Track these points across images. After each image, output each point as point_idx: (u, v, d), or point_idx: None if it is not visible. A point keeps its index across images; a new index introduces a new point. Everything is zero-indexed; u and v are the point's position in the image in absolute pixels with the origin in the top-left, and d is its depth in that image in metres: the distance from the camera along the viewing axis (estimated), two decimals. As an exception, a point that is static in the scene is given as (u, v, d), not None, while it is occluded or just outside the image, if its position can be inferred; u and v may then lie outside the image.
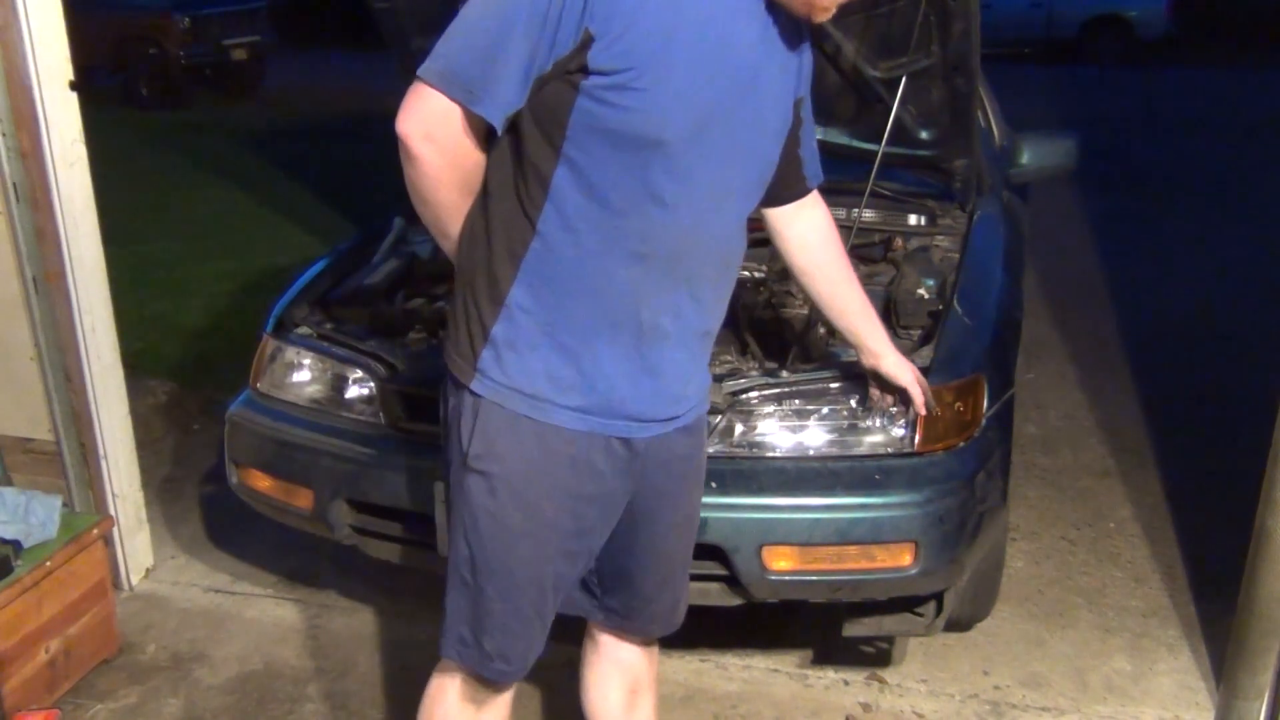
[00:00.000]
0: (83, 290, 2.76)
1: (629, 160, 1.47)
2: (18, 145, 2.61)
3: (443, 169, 1.52)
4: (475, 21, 1.47)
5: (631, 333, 1.56)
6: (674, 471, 1.73)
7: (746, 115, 1.56)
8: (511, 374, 1.56)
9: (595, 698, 1.97)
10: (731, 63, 1.52)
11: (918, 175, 3.04)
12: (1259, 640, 2.41)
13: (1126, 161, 8.27)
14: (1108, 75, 13.04)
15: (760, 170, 1.66)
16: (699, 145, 1.50)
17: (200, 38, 11.79)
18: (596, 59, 1.43)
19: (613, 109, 1.44)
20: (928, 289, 2.72)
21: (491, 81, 1.45)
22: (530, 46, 1.43)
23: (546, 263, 1.52)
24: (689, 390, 1.69)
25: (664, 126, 1.47)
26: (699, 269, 1.59)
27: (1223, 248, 6.14)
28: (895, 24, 2.65)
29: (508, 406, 1.56)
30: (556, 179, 1.49)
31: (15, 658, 2.46)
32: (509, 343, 1.55)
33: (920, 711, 2.60)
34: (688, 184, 1.51)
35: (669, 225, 1.52)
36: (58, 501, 2.62)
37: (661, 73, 1.45)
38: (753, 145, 1.60)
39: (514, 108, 1.47)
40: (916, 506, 2.27)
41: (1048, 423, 4.08)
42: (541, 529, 1.62)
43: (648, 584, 1.81)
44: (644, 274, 1.53)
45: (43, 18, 2.58)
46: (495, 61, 1.44)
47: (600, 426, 1.59)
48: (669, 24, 1.45)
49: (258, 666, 2.75)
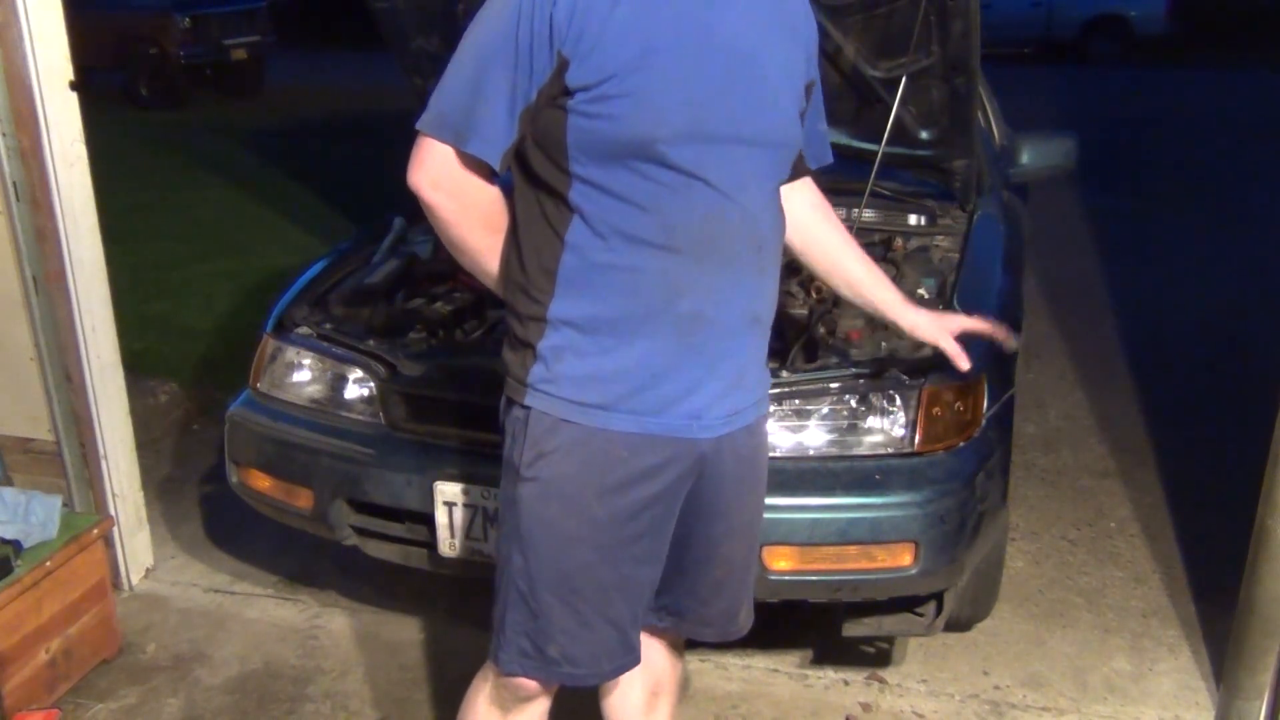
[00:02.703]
0: (83, 290, 2.76)
1: (634, 164, 1.49)
2: (18, 145, 2.61)
3: (457, 212, 1.57)
4: (458, 67, 1.53)
5: (673, 325, 1.56)
6: (734, 474, 1.70)
7: (750, 98, 1.56)
8: (562, 385, 1.57)
9: (615, 696, 1.96)
10: (722, 52, 1.53)
11: (918, 175, 3.04)
12: (1259, 640, 2.40)
13: (1126, 161, 8.27)
14: (1107, 75, 13.03)
15: (779, 149, 1.65)
16: (700, 137, 1.51)
17: (200, 38, 11.80)
18: (574, 78, 1.46)
19: (602, 120, 1.47)
20: (928, 289, 2.73)
21: (478, 122, 1.50)
22: (510, 83, 1.48)
23: (580, 272, 1.54)
24: (746, 382, 1.66)
25: (657, 126, 1.48)
26: (732, 253, 1.58)
27: (1223, 247, 6.14)
28: (895, 24, 2.65)
29: (559, 415, 1.58)
30: (573, 196, 1.52)
31: (15, 658, 2.46)
32: (556, 355, 1.57)
33: (920, 711, 2.60)
34: (698, 175, 1.52)
35: (689, 215, 1.53)
36: (58, 501, 2.62)
37: (643, 75, 1.46)
38: (764, 126, 1.59)
39: (507, 143, 1.51)
40: (916, 506, 2.27)
41: (1048, 423, 4.09)
42: (597, 533, 1.61)
43: (702, 585, 1.79)
44: (676, 264, 1.53)
45: (43, 18, 2.58)
46: (479, 101, 1.50)
47: (656, 426, 1.59)
48: (643, 27, 1.46)
49: (258, 666, 2.75)
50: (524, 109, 1.50)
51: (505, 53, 1.47)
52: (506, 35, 1.47)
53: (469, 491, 2.35)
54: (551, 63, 1.47)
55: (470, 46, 1.52)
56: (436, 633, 2.82)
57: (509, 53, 1.47)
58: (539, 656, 1.67)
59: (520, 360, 1.61)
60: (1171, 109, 11.04)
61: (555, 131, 1.50)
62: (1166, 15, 14.70)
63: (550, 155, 1.53)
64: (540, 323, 1.58)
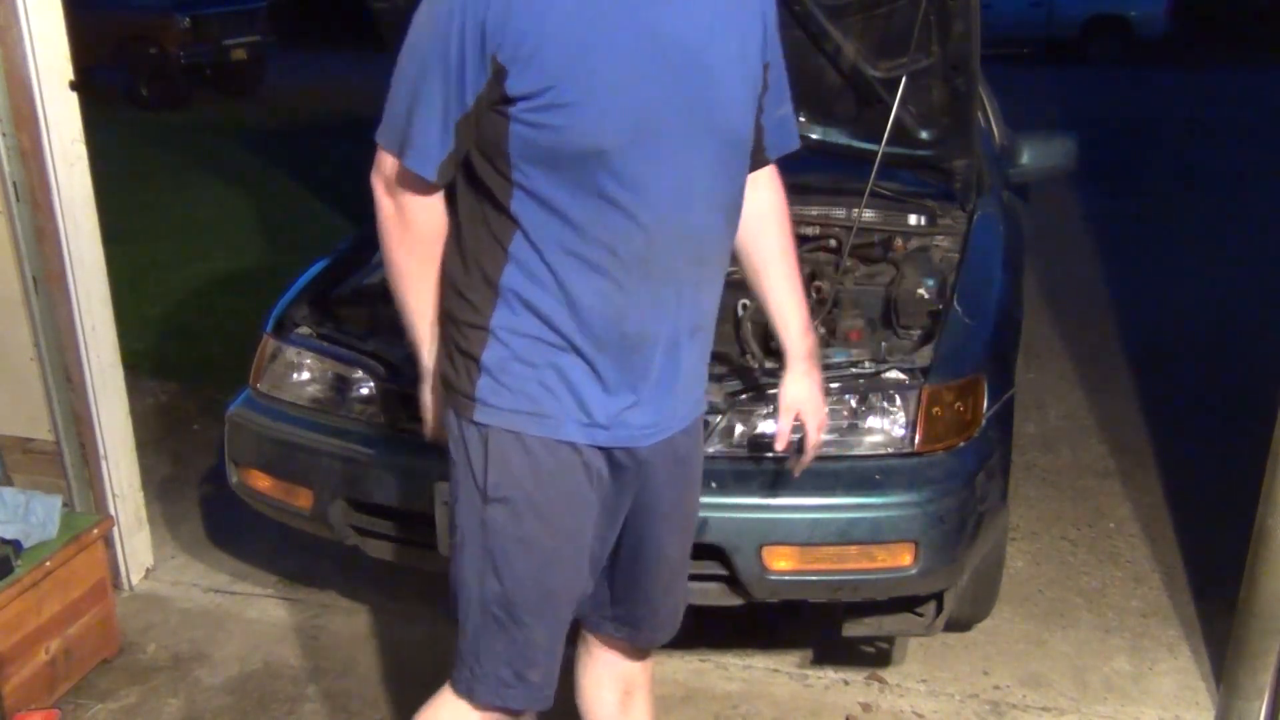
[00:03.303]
0: (83, 290, 2.76)
1: (577, 175, 1.45)
2: (18, 145, 2.61)
3: (398, 224, 1.56)
4: (398, 75, 1.50)
5: (617, 344, 1.53)
6: (675, 475, 1.71)
7: (700, 98, 1.50)
8: (513, 396, 1.54)
9: (590, 699, 1.96)
10: (666, 50, 1.46)
11: (918, 175, 3.04)
12: (1259, 640, 2.41)
13: (1126, 161, 8.27)
14: (1107, 75, 13.04)
15: (733, 145, 1.59)
16: (646, 144, 1.46)
17: (200, 38, 11.80)
18: (515, 86, 1.41)
19: (545, 130, 1.43)
20: (928, 289, 2.73)
21: (415, 134, 1.47)
22: (442, 94, 1.44)
23: (523, 285, 1.51)
24: (687, 388, 1.65)
25: (600, 136, 1.43)
26: (675, 268, 1.54)
27: (1223, 247, 6.14)
28: (895, 24, 2.65)
29: (516, 429, 1.54)
30: (515, 206, 1.48)
31: (15, 658, 2.46)
32: (502, 367, 1.54)
33: (920, 711, 2.60)
34: (642, 186, 1.47)
35: (632, 231, 1.48)
36: (58, 501, 2.62)
37: (584, 83, 1.42)
38: (715, 127, 1.53)
39: (441, 156, 1.48)
40: (916, 506, 2.27)
41: (1048, 423, 4.08)
42: (567, 544, 1.60)
43: (655, 590, 1.79)
44: (618, 282, 1.50)
45: (43, 18, 2.58)
46: (414, 114, 1.47)
47: (605, 439, 1.57)
48: (581, 32, 1.41)
49: (258, 666, 2.75)
50: (460, 118, 1.45)
51: (437, 62, 1.43)
52: (437, 44, 1.43)
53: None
54: (485, 71, 1.42)
55: (406, 54, 1.48)
56: (436, 633, 2.81)
57: (440, 62, 1.43)
58: (522, 684, 1.63)
59: (464, 372, 1.56)
60: (1171, 109, 11.04)
61: (498, 140, 1.46)
62: (1166, 15, 14.72)
63: (493, 161, 1.49)
64: (482, 332, 1.54)
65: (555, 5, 1.41)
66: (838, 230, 2.93)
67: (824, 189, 3.02)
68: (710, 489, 2.29)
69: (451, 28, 1.41)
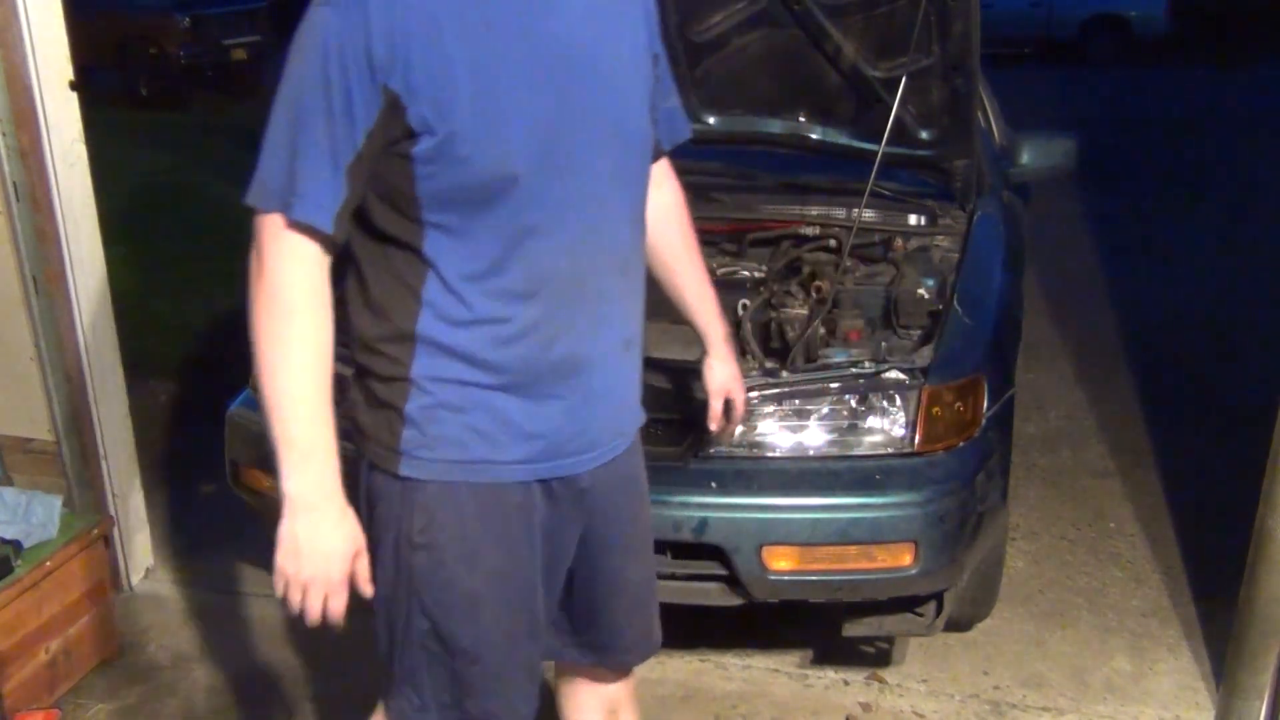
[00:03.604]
0: (83, 290, 2.76)
1: (490, 205, 1.37)
2: (18, 145, 2.61)
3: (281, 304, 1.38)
4: (274, 125, 1.36)
5: (549, 371, 1.46)
6: (623, 497, 1.65)
7: (601, 105, 1.44)
8: (442, 446, 1.46)
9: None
10: (563, 60, 1.40)
11: (918, 175, 3.04)
12: (1259, 640, 2.40)
13: (1126, 161, 8.27)
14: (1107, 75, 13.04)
15: (638, 146, 1.53)
16: (557, 161, 1.39)
17: (200, 38, 11.80)
18: (414, 117, 1.31)
19: (451, 163, 1.33)
20: (928, 289, 2.73)
21: (301, 183, 1.33)
22: (329, 135, 1.32)
23: (442, 330, 1.42)
24: (624, 405, 1.61)
25: (510, 160, 1.36)
26: (600, 287, 1.48)
27: (1223, 247, 6.14)
28: (895, 24, 2.65)
29: (444, 478, 1.47)
30: (427, 249, 1.39)
31: (15, 658, 2.46)
32: (429, 417, 1.45)
33: (920, 711, 2.60)
34: (558, 205, 1.41)
35: (555, 253, 1.42)
36: (58, 501, 2.62)
37: (487, 106, 1.33)
38: (619, 132, 1.47)
39: (337, 204, 1.35)
40: (916, 506, 2.27)
41: (1048, 423, 4.08)
42: (498, 584, 1.53)
43: (617, 614, 1.73)
44: (547, 309, 1.43)
45: (43, 18, 2.58)
46: (298, 163, 1.33)
47: (545, 472, 1.51)
48: (476, 51, 1.33)
49: (258, 666, 2.75)
50: (352, 161, 1.33)
51: (318, 101, 1.31)
52: (317, 81, 1.31)
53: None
54: (377, 101, 1.31)
55: (282, 100, 1.35)
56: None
57: (322, 100, 1.31)
58: (458, 708, 1.59)
59: (384, 424, 1.46)
60: (1171, 109, 11.04)
61: (400, 182, 1.36)
62: (1166, 15, 14.70)
63: (397, 207, 1.38)
64: (404, 383, 1.44)
65: (445, 25, 1.31)
66: (838, 230, 2.92)
67: (824, 189, 3.02)
68: (710, 489, 2.29)
69: (330, 61, 1.30)
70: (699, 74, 2.94)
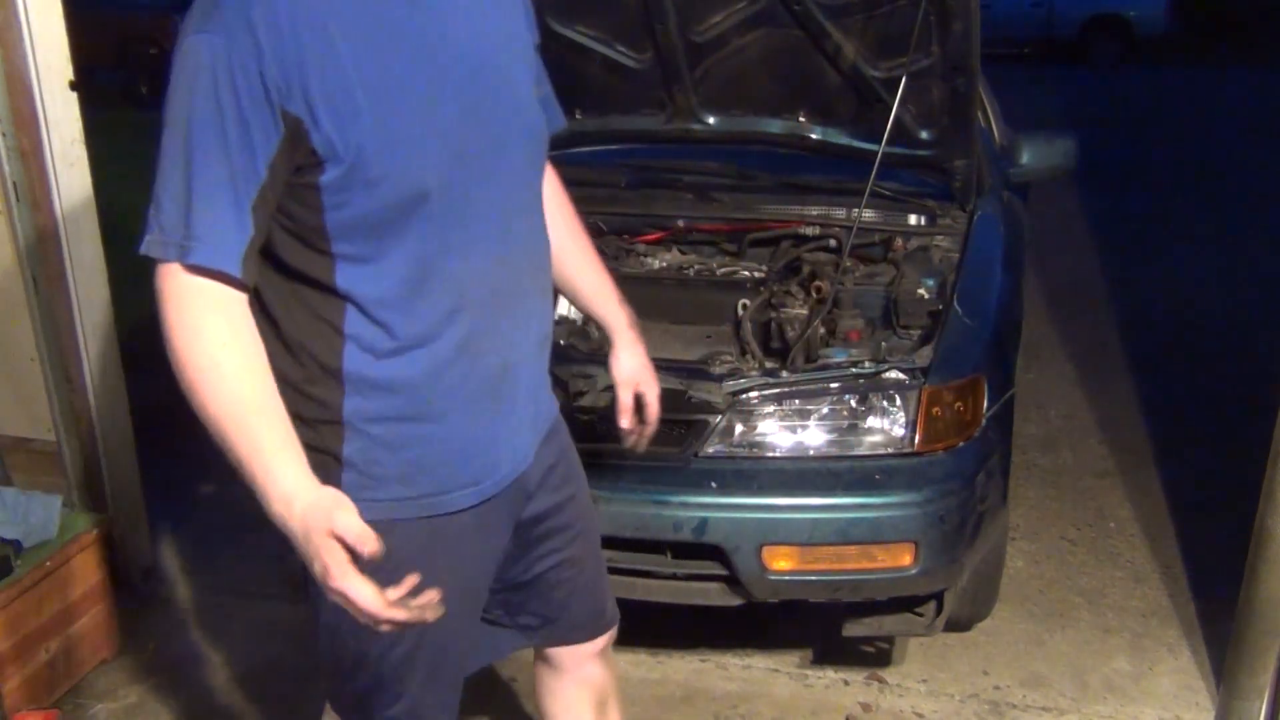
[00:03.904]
0: (83, 290, 2.75)
1: (405, 227, 1.31)
2: (18, 145, 2.61)
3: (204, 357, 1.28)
4: (163, 169, 1.26)
5: (480, 384, 1.43)
6: (552, 484, 1.62)
7: (500, 104, 1.40)
8: (385, 486, 1.40)
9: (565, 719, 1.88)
10: (455, 61, 1.34)
11: (918, 175, 3.05)
12: (1259, 640, 2.41)
13: (1126, 161, 8.27)
14: (1107, 75, 13.04)
15: (534, 147, 1.50)
16: (465, 167, 1.35)
17: (200, 38, 11.80)
18: (318, 141, 1.24)
19: (362, 189, 1.27)
20: (928, 289, 2.73)
21: (199, 225, 1.24)
22: (227, 166, 1.23)
23: (369, 364, 1.36)
24: (543, 399, 1.59)
25: (423, 177, 1.30)
26: (518, 286, 1.45)
27: (1223, 247, 6.14)
28: (895, 24, 2.65)
29: (391, 517, 1.39)
30: (341, 282, 1.32)
31: (15, 658, 2.46)
32: (368, 459, 1.39)
33: (920, 711, 2.60)
34: (473, 213, 1.36)
35: (472, 265, 1.37)
36: (58, 501, 2.62)
37: (394, 120, 1.27)
38: (519, 128, 1.44)
39: (243, 246, 1.25)
40: (916, 506, 2.27)
41: (1048, 423, 4.08)
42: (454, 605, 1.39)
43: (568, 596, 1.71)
44: (470, 325, 1.38)
45: (43, 18, 2.58)
46: (194, 203, 1.24)
47: (491, 487, 1.48)
48: (376, 64, 1.26)
49: (258, 666, 2.75)
50: (256, 195, 1.24)
51: (212, 133, 1.22)
52: (208, 113, 1.22)
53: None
54: (277, 128, 1.22)
55: (169, 140, 1.26)
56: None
57: (216, 132, 1.22)
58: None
59: (318, 470, 1.31)
60: (1172, 109, 11.04)
61: (306, 214, 1.29)
62: (1166, 15, 14.70)
63: (304, 240, 1.31)
64: (336, 426, 1.37)
65: (338, 42, 1.24)
66: (838, 230, 2.92)
67: (824, 189, 3.02)
68: (710, 489, 2.29)
69: (220, 89, 1.21)
70: (699, 74, 2.94)
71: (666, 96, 3.02)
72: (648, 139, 3.18)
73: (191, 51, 1.23)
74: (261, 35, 1.21)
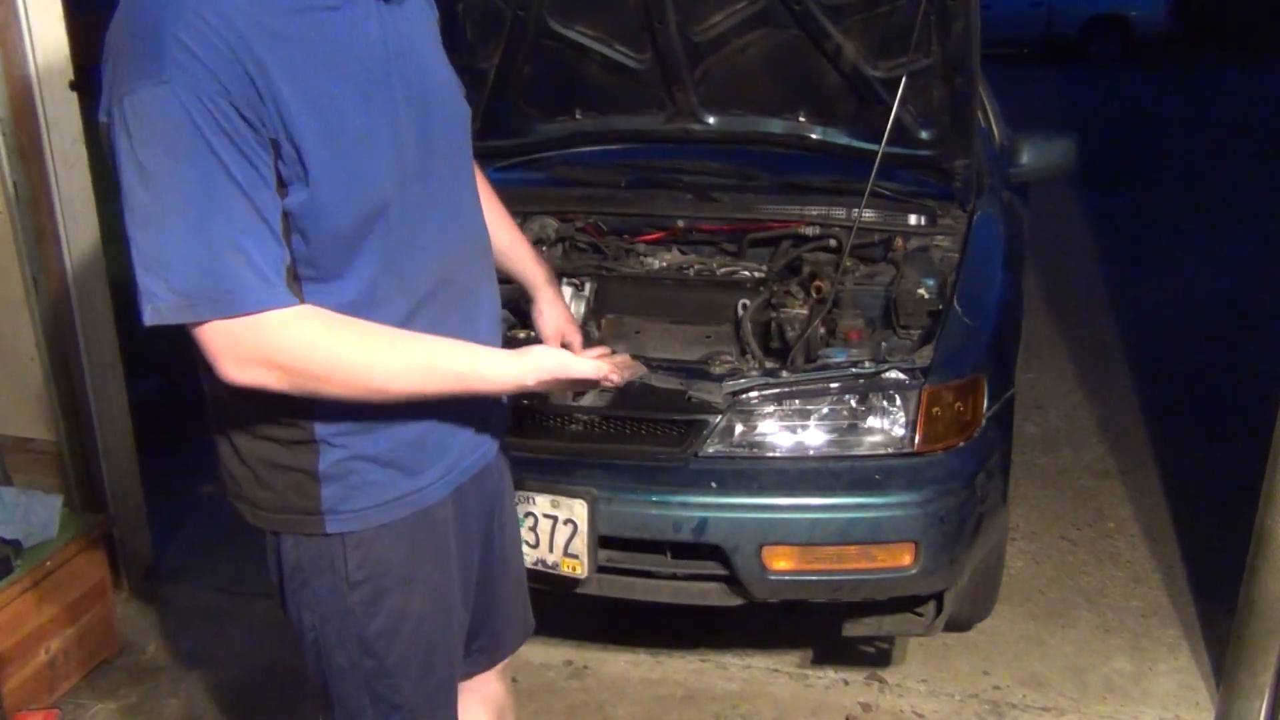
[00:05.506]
0: (83, 290, 2.76)
1: (363, 241, 1.31)
2: (18, 145, 2.61)
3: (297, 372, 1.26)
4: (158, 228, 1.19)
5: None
6: (499, 477, 1.67)
7: (428, 94, 1.40)
8: (366, 494, 1.42)
9: None
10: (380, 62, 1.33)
11: (918, 175, 3.05)
12: (1259, 640, 2.41)
13: (1127, 161, 8.27)
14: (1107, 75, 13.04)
15: (464, 128, 1.51)
16: (414, 169, 1.36)
17: (200, 38, 11.79)
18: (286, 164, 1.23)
19: (327, 208, 1.26)
20: (928, 289, 2.72)
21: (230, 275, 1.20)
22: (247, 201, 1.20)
23: None
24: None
25: (382, 187, 1.31)
26: (469, 276, 1.48)
27: (1223, 247, 6.15)
28: (895, 24, 2.65)
29: (374, 523, 1.43)
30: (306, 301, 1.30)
31: (15, 658, 2.46)
32: (346, 470, 1.39)
33: (920, 711, 2.60)
34: (423, 213, 1.37)
35: (427, 264, 1.39)
36: (58, 501, 2.62)
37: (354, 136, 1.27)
38: (448, 115, 1.45)
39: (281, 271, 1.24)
40: (916, 506, 2.27)
41: (1048, 423, 4.08)
42: (444, 598, 1.54)
43: (510, 603, 1.74)
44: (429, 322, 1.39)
45: (43, 17, 2.58)
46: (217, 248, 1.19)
47: (463, 475, 1.52)
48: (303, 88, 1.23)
49: (258, 666, 2.75)
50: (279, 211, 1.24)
51: (219, 182, 1.18)
52: (206, 166, 1.18)
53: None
54: (266, 149, 1.21)
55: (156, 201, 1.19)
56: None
57: (222, 179, 1.18)
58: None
59: (294, 489, 1.38)
60: (1171, 109, 11.04)
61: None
62: (1166, 15, 14.70)
63: None
64: (310, 445, 1.37)
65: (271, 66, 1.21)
66: (838, 230, 2.92)
67: (824, 189, 3.02)
68: (710, 489, 2.29)
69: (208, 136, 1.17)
70: (699, 74, 2.94)
71: (666, 96, 3.02)
72: (648, 139, 3.18)
73: (154, 105, 1.17)
74: (217, 68, 1.18)
